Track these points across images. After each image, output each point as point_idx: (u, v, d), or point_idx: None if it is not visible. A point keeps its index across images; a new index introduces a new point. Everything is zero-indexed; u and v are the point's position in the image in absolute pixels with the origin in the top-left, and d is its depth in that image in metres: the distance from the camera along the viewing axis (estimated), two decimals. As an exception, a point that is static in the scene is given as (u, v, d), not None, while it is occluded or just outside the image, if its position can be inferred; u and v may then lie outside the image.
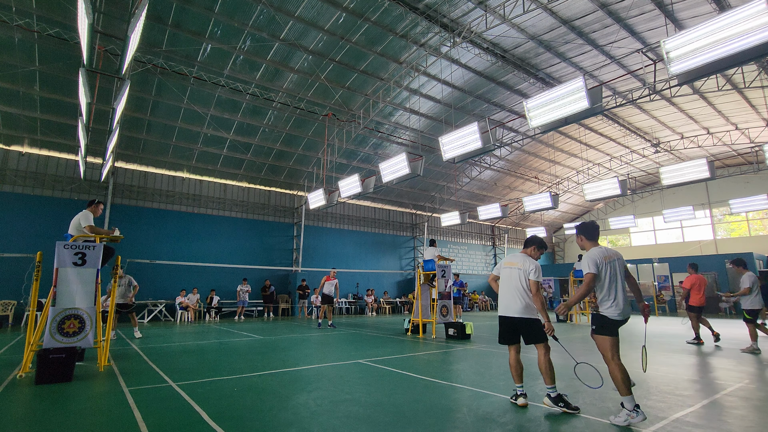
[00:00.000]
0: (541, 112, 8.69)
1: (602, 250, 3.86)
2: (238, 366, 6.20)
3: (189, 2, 11.01)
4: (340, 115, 16.11)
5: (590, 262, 3.77)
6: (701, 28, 6.39)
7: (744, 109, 17.39)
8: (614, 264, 3.79)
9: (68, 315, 5.47)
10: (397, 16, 12.28)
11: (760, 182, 22.96)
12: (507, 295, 4.17)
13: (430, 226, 25.29)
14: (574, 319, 15.17)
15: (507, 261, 4.31)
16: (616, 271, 3.77)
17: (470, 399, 4.29)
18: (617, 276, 3.76)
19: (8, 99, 12.60)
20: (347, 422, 3.53)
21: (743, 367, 6.20)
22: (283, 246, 19.53)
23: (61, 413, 3.79)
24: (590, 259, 3.78)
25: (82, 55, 6.66)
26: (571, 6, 11.93)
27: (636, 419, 3.38)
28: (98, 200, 6.39)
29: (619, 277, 3.77)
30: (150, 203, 16.30)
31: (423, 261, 11.10)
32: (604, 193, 15.29)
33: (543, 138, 20.59)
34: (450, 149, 10.66)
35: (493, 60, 14.43)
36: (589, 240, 3.99)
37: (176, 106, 14.39)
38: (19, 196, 13.80)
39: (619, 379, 3.51)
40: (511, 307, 4.11)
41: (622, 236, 30.48)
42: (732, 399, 4.35)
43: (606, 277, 3.74)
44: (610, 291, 3.72)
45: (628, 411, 3.43)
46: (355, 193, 13.06)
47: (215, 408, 3.91)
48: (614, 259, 3.82)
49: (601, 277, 3.73)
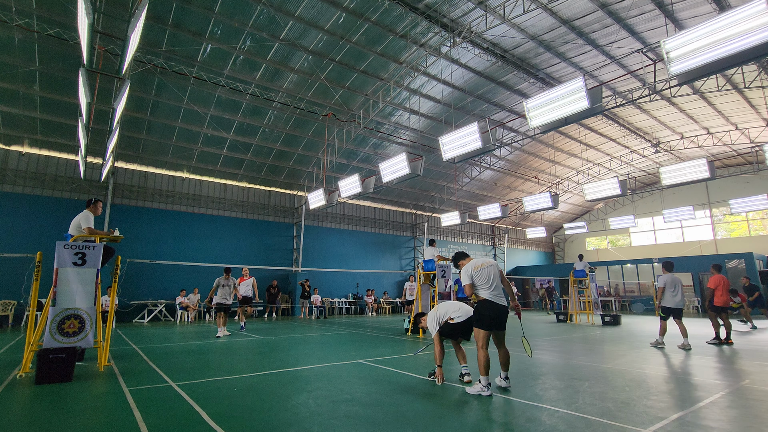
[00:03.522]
0: (541, 112, 8.68)
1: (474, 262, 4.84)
2: (238, 366, 6.20)
3: (189, 2, 11.01)
4: (340, 115, 16.12)
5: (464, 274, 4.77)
6: (701, 28, 6.38)
7: (744, 109, 17.39)
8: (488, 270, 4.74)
9: (68, 315, 5.47)
10: (397, 16, 12.28)
11: (760, 182, 22.96)
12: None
13: (430, 226, 25.30)
14: (574, 319, 15.17)
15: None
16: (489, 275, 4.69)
17: (470, 399, 4.29)
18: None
19: (8, 99, 12.60)
20: (347, 422, 3.53)
21: (744, 366, 6.20)
22: (283, 246, 19.54)
23: (61, 413, 3.79)
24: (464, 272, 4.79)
25: (82, 55, 6.65)
26: (571, 6, 11.93)
27: (486, 393, 4.36)
28: (97, 199, 6.37)
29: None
30: (150, 203, 16.30)
31: (423, 261, 11.10)
32: (604, 193, 15.29)
33: (543, 138, 20.59)
34: (450, 149, 10.65)
35: (493, 60, 14.43)
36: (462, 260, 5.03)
37: (176, 106, 14.40)
38: (19, 196, 13.80)
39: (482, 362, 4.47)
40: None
41: (622, 236, 30.47)
42: (732, 399, 4.35)
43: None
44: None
45: (482, 386, 4.40)
46: (355, 193, 13.06)
47: (215, 408, 3.91)
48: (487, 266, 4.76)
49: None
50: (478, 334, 4.58)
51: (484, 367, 4.44)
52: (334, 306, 19.97)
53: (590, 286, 14.94)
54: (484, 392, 4.38)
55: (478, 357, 4.51)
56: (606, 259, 28.49)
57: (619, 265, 25.58)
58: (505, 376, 4.69)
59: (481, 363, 4.47)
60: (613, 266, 25.78)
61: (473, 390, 4.46)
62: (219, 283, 10.49)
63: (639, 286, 24.01)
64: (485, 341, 4.54)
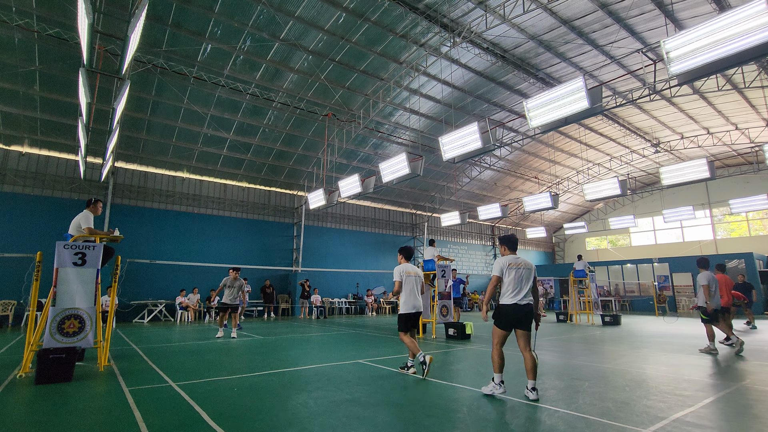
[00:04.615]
0: (541, 112, 8.68)
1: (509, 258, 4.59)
2: (238, 366, 6.20)
3: (189, 2, 11.01)
4: (340, 115, 16.11)
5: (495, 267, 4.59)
6: (701, 28, 6.38)
7: (744, 109, 17.39)
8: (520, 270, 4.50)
9: (68, 315, 5.47)
10: (397, 16, 12.28)
11: (760, 182, 22.96)
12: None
13: (430, 226, 25.30)
14: (574, 319, 15.17)
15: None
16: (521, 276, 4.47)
17: (470, 399, 4.29)
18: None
19: (8, 99, 12.60)
20: (347, 422, 3.53)
21: (744, 366, 6.20)
22: (283, 246, 19.54)
23: (61, 413, 3.79)
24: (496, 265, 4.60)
25: (82, 55, 6.65)
26: (571, 6, 11.93)
27: (498, 390, 4.31)
28: (97, 199, 6.37)
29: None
30: (150, 203, 16.30)
31: (423, 261, 11.09)
32: (604, 193, 15.29)
33: (543, 138, 20.59)
34: (450, 149, 10.65)
35: (493, 60, 14.43)
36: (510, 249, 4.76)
37: (176, 106, 14.39)
38: (19, 196, 13.80)
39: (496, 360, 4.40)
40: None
41: (622, 236, 30.47)
42: (732, 399, 4.35)
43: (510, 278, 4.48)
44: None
45: (495, 384, 4.34)
46: (355, 193, 13.06)
47: (215, 408, 3.91)
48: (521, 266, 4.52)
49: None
50: (495, 333, 4.47)
51: (498, 366, 4.35)
52: (334, 306, 19.96)
53: (590, 286, 14.95)
54: (497, 390, 4.32)
55: (492, 355, 4.44)
56: (606, 259, 28.49)
57: (619, 265, 25.59)
58: (533, 387, 4.19)
59: (494, 361, 4.40)
60: (613, 266, 25.79)
61: (486, 389, 4.41)
62: (225, 283, 10.06)
63: (639, 286, 24.02)
64: (500, 340, 4.42)
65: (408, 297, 5.68)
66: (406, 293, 5.69)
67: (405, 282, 5.69)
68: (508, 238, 4.75)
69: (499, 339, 4.42)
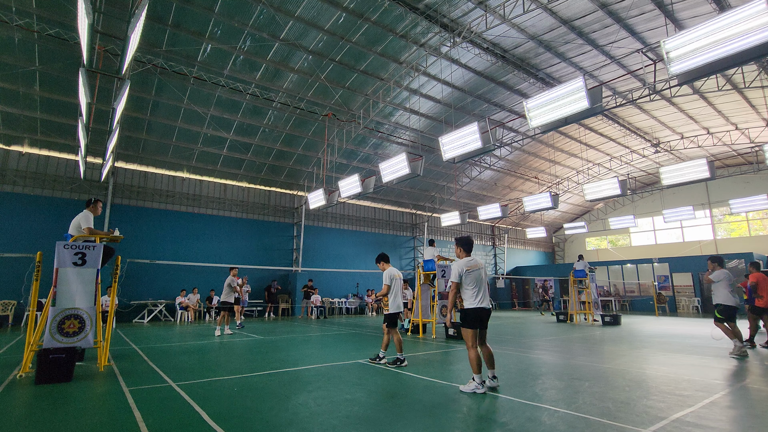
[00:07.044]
0: (541, 112, 8.68)
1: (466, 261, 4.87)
2: (238, 366, 6.20)
3: (189, 2, 11.01)
4: (340, 115, 16.11)
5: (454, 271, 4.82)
6: (701, 28, 6.38)
7: (744, 109, 17.39)
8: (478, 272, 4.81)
9: (68, 315, 5.47)
10: (397, 16, 12.28)
11: (760, 182, 22.96)
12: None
13: (430, 226, 25.30)
14: (574, 319, 15.18)
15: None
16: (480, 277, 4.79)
17: (470, 399, 4.29)
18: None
19: (8, 99, 12.60)
20: (347, 422, 3.53)
21: (744, 366, 6.20)
22: (283, 246, 19.53)
23: (61, 413, 3.79)
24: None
25: (82, 55, 6.65)
26: (571, 6, 11.93)
27: (480, 390, 4.45)
28: (97, 199, 6.37)
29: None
30: (150, 203, 16.30)
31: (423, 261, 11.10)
32: (604, 193, 15.29)
33: (543, 138, 20.59)
34: (450, 149, 10.65)
35: (493, 60, 14.43)
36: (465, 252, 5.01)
37: (176, 106, 14.39)
38: (19, 196, 13.80)
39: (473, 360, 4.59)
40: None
41: (622, 236, 30.47)
42: (732, 399, 4.35)
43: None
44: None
45: (476, 384, 4.48)
46: (355, 193, 13.05)
47: (215, 408, 3.91)
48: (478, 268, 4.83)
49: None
50: (466, 334, 4.65)
51: (476, 366, 4.54)
52: (334, 306, 19.96)
53: (590, 286, 14.95)
54: (479, 390, 4.46)
55: (469, 356, 4.61)
56: (606, 259, 28.48)
57: (619, 265, 25.58)
58: (493, 375, 4.68)
59: (472, 362, 4.56)
60: (613, 266, 25.78)
61: (467, 388, 4.54)
62: (238, 282, 10.82)
63: (639, 286, 24.02)
64: (473, 340, 4.62)
65: (395, 299, 6.49)
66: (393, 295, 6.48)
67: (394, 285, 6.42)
68: (464, 240, 5.02)
69: (471, 339, 4.63)
